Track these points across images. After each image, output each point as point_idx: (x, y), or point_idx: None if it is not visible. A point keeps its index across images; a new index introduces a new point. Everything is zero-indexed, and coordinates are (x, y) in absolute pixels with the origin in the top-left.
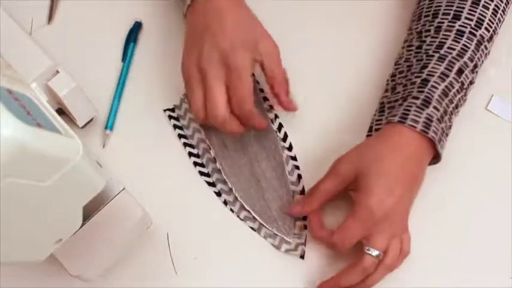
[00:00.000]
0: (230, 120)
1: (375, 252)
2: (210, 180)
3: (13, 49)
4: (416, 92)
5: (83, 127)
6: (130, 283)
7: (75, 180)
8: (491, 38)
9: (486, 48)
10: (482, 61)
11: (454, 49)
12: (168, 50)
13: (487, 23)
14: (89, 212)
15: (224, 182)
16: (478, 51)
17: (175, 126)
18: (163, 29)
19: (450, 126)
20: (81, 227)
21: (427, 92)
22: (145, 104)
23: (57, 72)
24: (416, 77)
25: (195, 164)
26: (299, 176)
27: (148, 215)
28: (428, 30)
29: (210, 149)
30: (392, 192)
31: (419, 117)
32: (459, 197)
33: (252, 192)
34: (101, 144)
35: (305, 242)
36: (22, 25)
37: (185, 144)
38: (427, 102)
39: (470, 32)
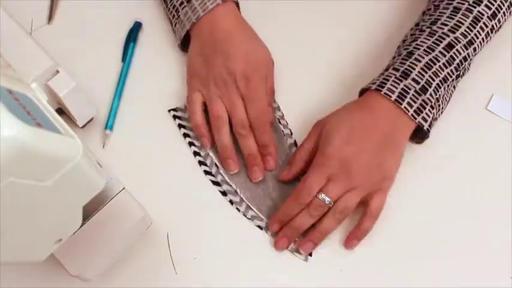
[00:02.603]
0: (249, 134)
1: (324, 197)
2: (215, 179)
3: (13, 49)
4: (398, 64)
5: (83, 127)
6: (131, 283)
7: (75, 180)
8: (494, 15)
9: (487, 25)
10: (483, 38)
11: (446, 25)
12: (168, 50)
13: (489, 0)
14: (89, 212)
15: (229, 184)
16: (474, 27)
17: (180, 126)
18: (163, 29)
19: (439, 100)
20: (81, 227)
21: (409, 65)
22: (145, 104)
23: (57, 72)
24: (404, 49)
25: (200, 163)
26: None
27: (149, 215)
28: (429, 9)
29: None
30: (350, 142)
31: (396, 87)
32: (459, 196)
33: (258, 192)
34: (101, 144)
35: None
36: (22, 25)
37: (190, 144)
38: (406, 74)
39: (467, 9)
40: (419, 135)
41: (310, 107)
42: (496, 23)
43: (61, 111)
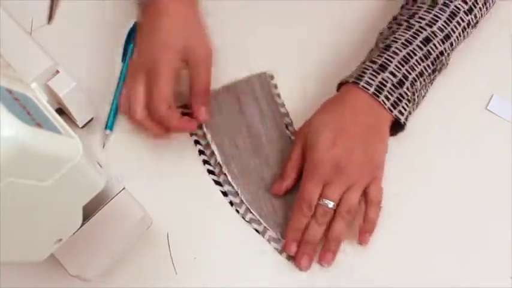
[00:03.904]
0: (148, 123)
1: (327, 202)
2: (217, 179)
3: (13, 49)
4: (376, 56)
5: (83, 127)
6: (131, 283)
7: (75, 180)
8: (470, 10)
9: (463, 20)
10: (460, 33)
11: (424, 19)
12: None
13: None
14: (89, 212)
15: (231, 185)
16: (451, 22)
17: None
18: None
19: (415, 94)
20: (81, 226)
21: (386, 58)
22: None
23: (57, 72)
24: (382, 42)
25: (204, 162)
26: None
27: (148, 215)
28: (408, 3)
29: (220, 151)
30: (336, 143)
31: (373, 80)
32: (459, 196)
33: (259, 196)
34: (101, 144)
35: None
36: (22, 25)
37: (196, 142)
38: (383, 68)
39: (444, 3)
40: (394, 128)
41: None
42: (472, 18)
43: (61, 111)
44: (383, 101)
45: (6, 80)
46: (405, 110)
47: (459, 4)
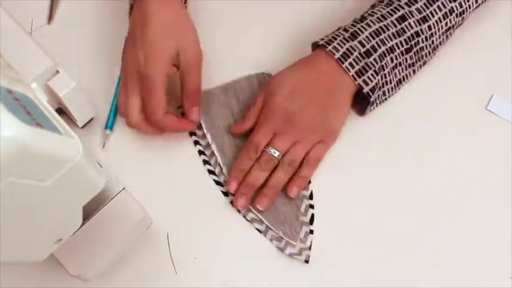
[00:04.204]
0: (144, 126)
1: (273, 151)
2: (218, 179)
3: (13, 49)
4: (349, 26)
5: (83, 127)
6: (131, 283)
7: (75, 180)
8: None
9: (445, 6)
10: (440, 18)
11: None
12: None
13: None
14: (89, 212)
15: None
16: (431, 5)
17: None
18: None
19: (384, 68)
20: (81, 227)
21: (359, 28)
22: None
23: (57, 72)
24: (360, 15)
25: (205, 162)
26: (309, 181)
27: (148, 215)
28: None
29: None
30: (293, 97)
31: (341, 47)
32: (459, 196)
33: None
34: (101, 144)
35: (310, 247)
36: (22, 25)
37: (196, 142)
38: (354, 36)
39: None
40: (361, 103)
41: None
42: (456, 6)
43: (61, 111)
44: (347, 67)
45: (6, 80)
46: (371, 81)
47: None
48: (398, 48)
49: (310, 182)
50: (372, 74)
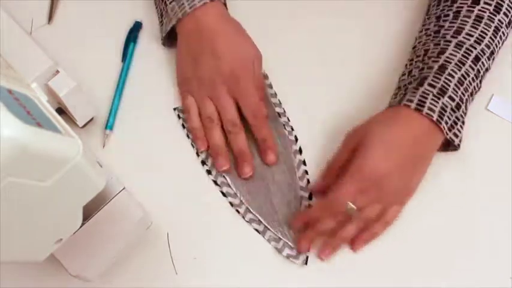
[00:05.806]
0: (199, 132)
1: (352, 206)
2: (216, 180)
3: (13, 49)
4: (432, 78)
5: (83, 127)
6: (130, 283)
7: (75, 180)
8: (510, 23)
9: (504, 34)
10: (500, 47)
11: (472, 35)
12: (168, 50)
13: (506, 8)
14: (89, 212)
15: (230, 186)
16: (495, 37)
17: (184, 125)
18: None
19: (465, 113)
20: (81, 227)
21: (444, 81)
22: (145, 104)
23: (57, 72)
24: (433, 61)
25: (203, 163)
26: (308, 181)
27: (148, 215)
28: (447, 15)
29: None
30: (387, 160)
31: (435, 106)
32: (459, 196)
33: (259, 195)
34: (101, 144)
35: (309, 248)
36: (22, 25)
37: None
38: (443, 92)
39: (488, 18)
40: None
41: (314, 114)
42: (510, 30)
43: (61, 111)
44: (444, 127)
45: (6, 80)
46: (460, 132)
47: (502, 18)
48: (475, 90)
49: (309, 182)
50: (460, 125)
